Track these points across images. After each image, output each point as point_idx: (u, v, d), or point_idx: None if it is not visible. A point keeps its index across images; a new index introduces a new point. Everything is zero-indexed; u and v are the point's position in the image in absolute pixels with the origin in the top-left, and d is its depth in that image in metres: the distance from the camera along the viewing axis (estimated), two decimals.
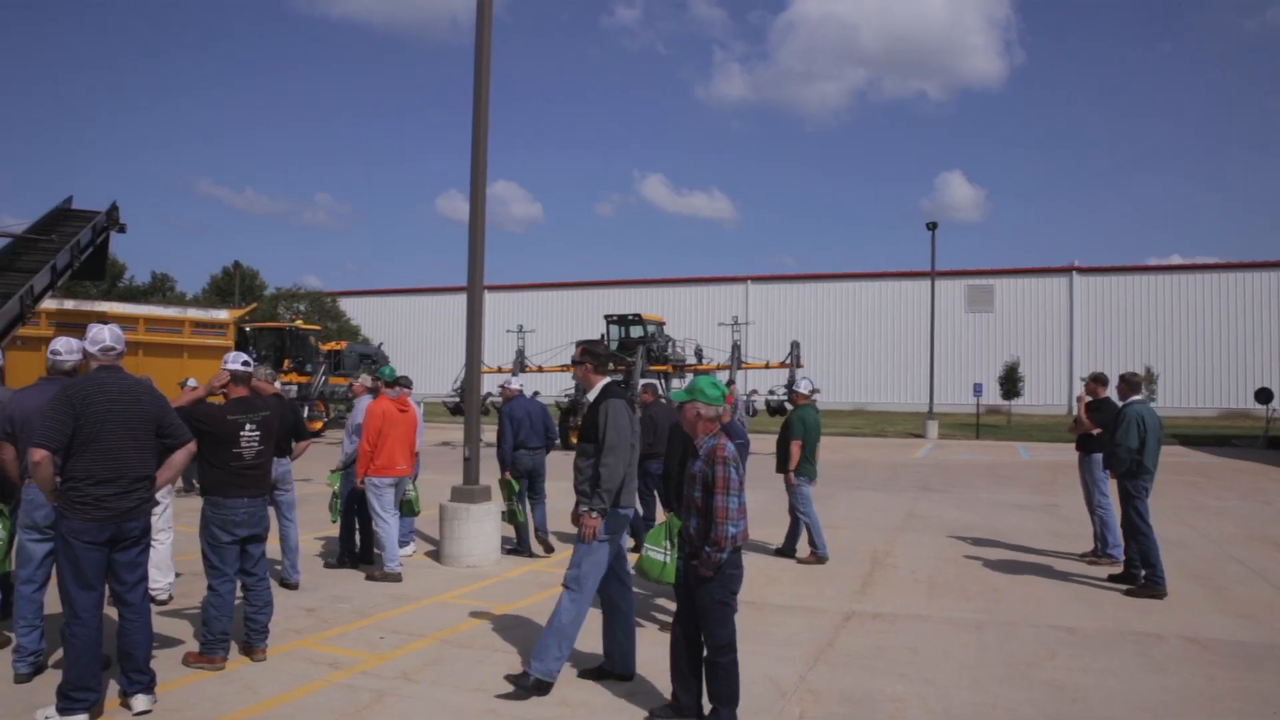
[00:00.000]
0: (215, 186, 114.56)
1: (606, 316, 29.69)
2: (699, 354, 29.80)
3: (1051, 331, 53.17)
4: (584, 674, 5.60)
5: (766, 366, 26.83)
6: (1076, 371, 49.78)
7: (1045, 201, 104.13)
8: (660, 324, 29.60)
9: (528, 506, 9.70)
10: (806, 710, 5.13)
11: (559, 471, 12.40)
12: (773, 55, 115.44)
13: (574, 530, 5.50)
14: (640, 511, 9.93)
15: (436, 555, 9.33)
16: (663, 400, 10.30)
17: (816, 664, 5.99)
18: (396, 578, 8.27)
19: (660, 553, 6.65)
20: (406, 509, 9.07)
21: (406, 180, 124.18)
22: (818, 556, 9.36)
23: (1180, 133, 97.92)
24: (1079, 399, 10.02)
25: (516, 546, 9.61)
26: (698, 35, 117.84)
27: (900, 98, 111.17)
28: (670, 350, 28.18)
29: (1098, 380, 9.84)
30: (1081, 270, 53.41)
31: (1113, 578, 8.57)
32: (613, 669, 5.60)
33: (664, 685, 5.14)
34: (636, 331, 28.39)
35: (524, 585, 8.26)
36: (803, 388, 10.26)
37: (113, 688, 5.06)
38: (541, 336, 37.35)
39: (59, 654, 4.96)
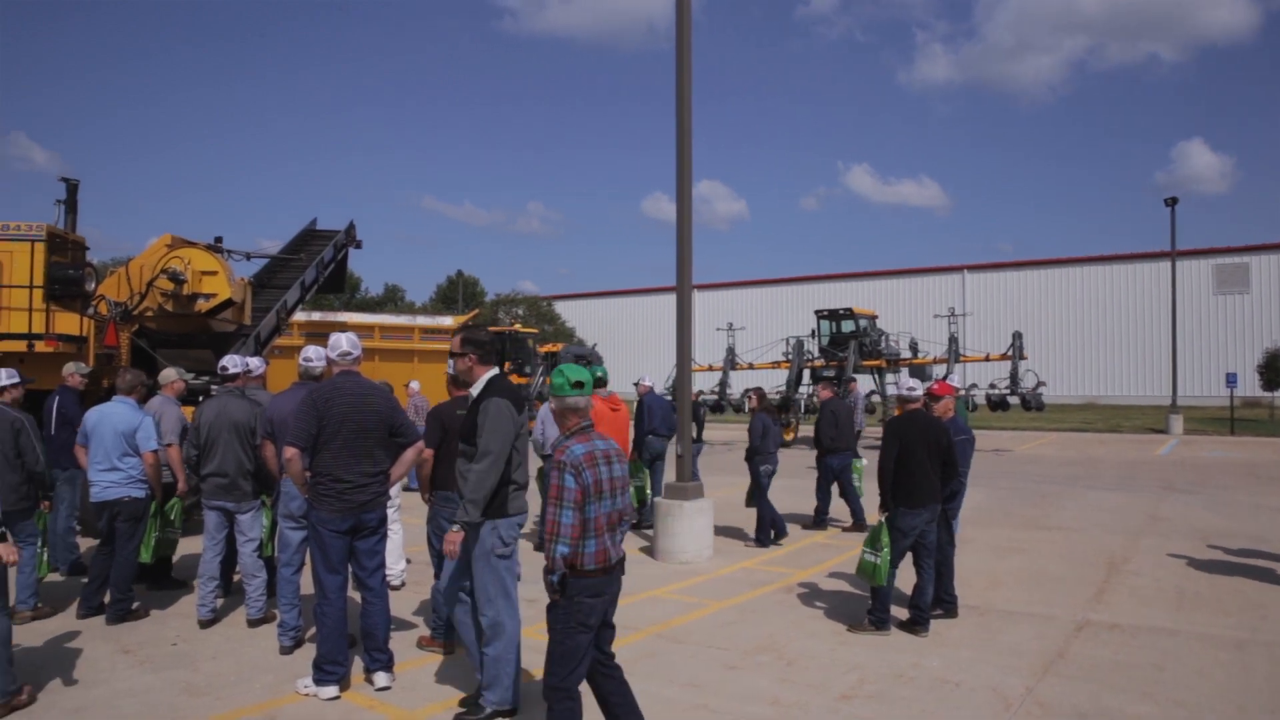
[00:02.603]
0: (437, 202, 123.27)
1: (817, 312, 29.19)
2: (914, 348, 28.78)
3: None
4: (464, 702, 5.00)
5: (986, 359, 25.53)
6: None
7: None
8: (873, 318, 28.76)
9: (654, 483, 10.93)
10: None
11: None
12: (979, 31, 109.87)
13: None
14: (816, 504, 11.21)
15: (651, 550, 9.51)
16: (848, 399, 10.14)
17: (1046, 675, 5.61)
18: None
19: (873, 555, 6.51)
20: None
21: (613, 185, 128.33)
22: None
23: None
24: None
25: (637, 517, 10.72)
26: (897, 18, 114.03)
27: (1127, 64, 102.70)
28: (884, 345, 27.33)
29: None
30: None
31: None
32: None
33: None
34: (848, 326, 27.74)
35: (736, 583, 8.26)
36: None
37: (357, 665, 5.51)
38: (751, 334, 37.24)
39: (314, 630, 5.46)
